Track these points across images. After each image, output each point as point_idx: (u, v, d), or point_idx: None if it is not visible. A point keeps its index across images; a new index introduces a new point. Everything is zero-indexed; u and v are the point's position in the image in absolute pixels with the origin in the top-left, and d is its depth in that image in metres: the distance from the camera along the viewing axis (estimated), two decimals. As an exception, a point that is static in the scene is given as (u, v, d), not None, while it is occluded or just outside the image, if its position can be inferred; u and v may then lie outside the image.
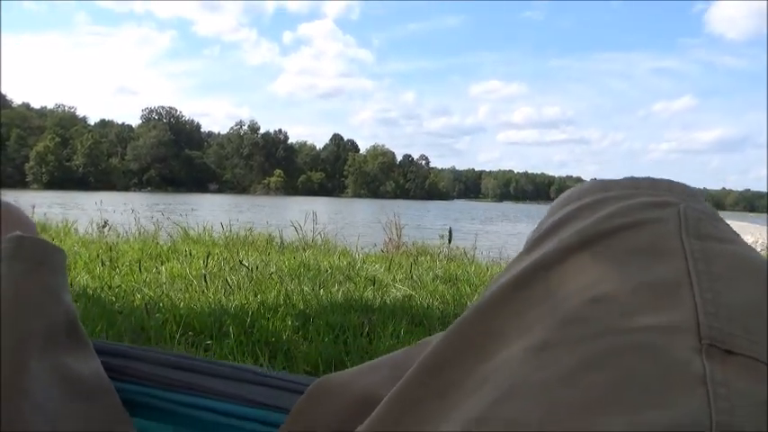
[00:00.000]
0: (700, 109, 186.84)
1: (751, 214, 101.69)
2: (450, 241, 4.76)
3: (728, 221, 0.39)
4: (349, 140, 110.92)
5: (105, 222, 6.95)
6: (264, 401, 0.56)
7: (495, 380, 0.30)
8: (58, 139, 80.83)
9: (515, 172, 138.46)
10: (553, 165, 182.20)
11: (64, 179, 76.17)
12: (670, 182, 0.39)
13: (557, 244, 0.35)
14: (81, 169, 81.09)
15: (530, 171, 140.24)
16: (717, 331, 0.28)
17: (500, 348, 0.32)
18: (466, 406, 0.30)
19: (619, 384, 0.26)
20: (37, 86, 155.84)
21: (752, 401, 0.25)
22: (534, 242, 0.38)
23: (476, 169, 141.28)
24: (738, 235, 0.36)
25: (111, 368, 0.58)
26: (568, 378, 0.27)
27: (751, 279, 0.32)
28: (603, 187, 0.39)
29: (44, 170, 77.85)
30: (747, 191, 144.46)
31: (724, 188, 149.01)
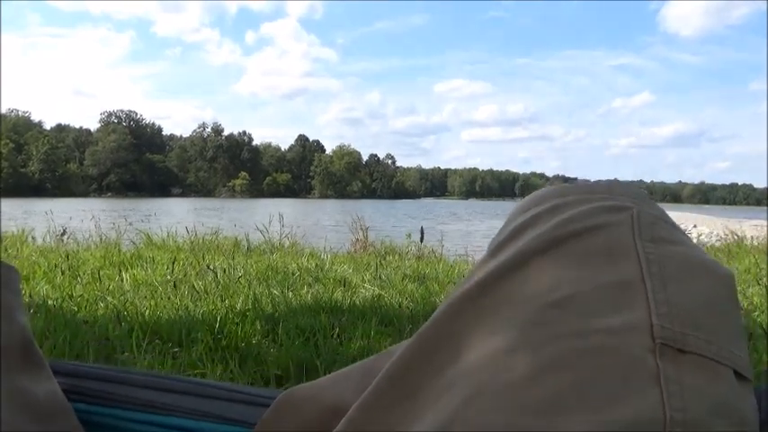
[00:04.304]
0: (657, 105, 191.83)
1: (706, 206, 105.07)
2: (422, 240, 4.78)
3: (686, 213, 0.40)
4: (314, 141, 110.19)
5: (64, 230, 6.76)
6: (229, 416, 0.55)
7: (461, 383, 0.31)
8: (12, 145, 77.89)
9: (480, 170, 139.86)
10: (517, 161, 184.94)
11: (19, 186, 73.47)
12: (624, 185, 0.40)
13: (517, 249, 0.36)
14: (37, 176, 78.36)
15: (494, 168, 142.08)
16: (669, 331, 0.29)
17: (466, 352, 0.33)
18: (433, 409, 0.31)
19: (579, 385, 0.28)
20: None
21: (703, 398, 0.27)
22: (496, 247, 0.39)
23: (441, 167, 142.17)
24: (687, 236, 0.38)
25: (69, 389, 0.56)
26: (532, 380, 0.29)
27: (701, 280, 0.33)
28: (561, 193, 0.40)
29: (-3, 177, 74.97)
30: (702, 183, 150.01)
31: (680, 181, 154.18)
